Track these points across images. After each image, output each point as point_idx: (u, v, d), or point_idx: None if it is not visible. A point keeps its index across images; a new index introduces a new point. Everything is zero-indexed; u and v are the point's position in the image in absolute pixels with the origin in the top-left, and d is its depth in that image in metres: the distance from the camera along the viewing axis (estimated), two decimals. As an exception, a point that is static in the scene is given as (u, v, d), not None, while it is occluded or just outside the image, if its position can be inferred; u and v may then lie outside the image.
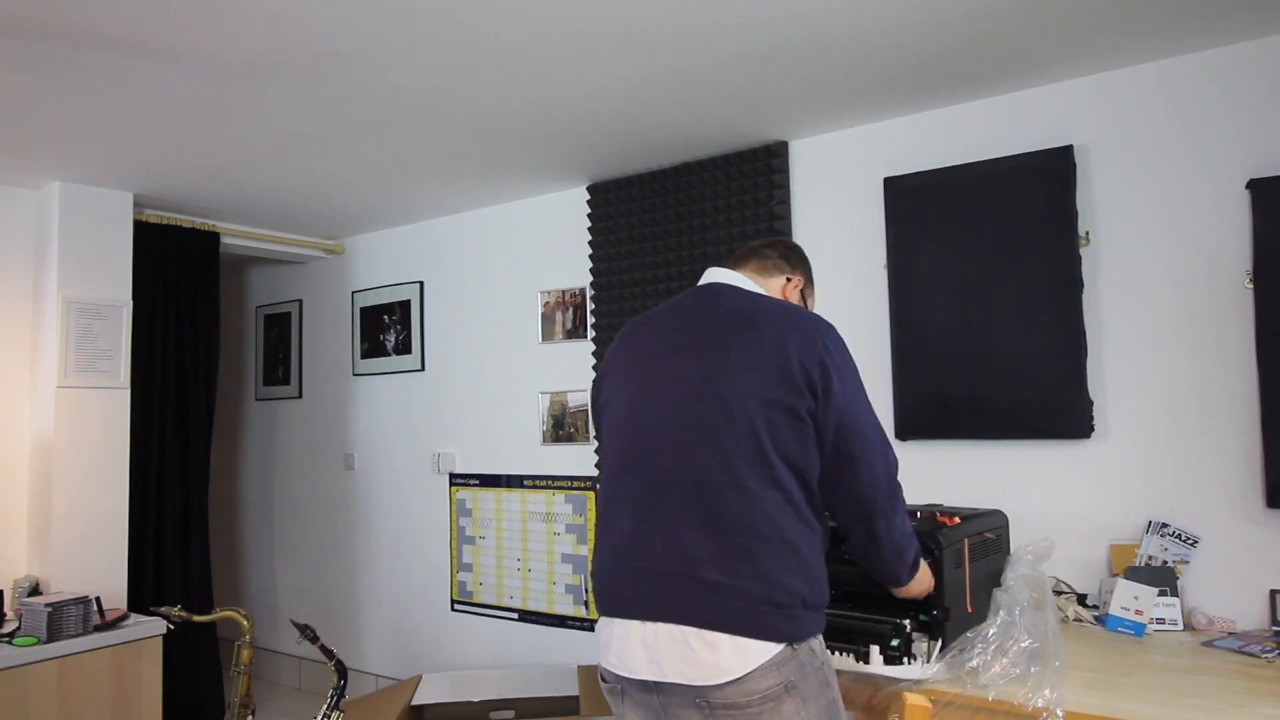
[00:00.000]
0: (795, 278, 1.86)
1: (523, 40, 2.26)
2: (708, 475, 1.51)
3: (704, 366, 1.57)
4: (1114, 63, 2.50)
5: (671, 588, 1.49)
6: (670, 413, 1.58)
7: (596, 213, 3.56)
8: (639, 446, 1.61)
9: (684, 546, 1.49)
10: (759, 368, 1.53)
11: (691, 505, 1.51)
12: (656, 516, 1.54)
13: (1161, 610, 2.27)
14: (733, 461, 1.50)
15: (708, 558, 1.47)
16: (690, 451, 1.53)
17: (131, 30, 2.14)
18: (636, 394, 1.65)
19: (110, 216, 3.54)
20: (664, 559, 1.51)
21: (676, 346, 1.64)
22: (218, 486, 4.86)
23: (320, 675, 4.53)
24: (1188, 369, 2.41)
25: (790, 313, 1.63)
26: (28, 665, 2.86)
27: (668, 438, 1.56)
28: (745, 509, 1.48)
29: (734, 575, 1.46)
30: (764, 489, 1.49)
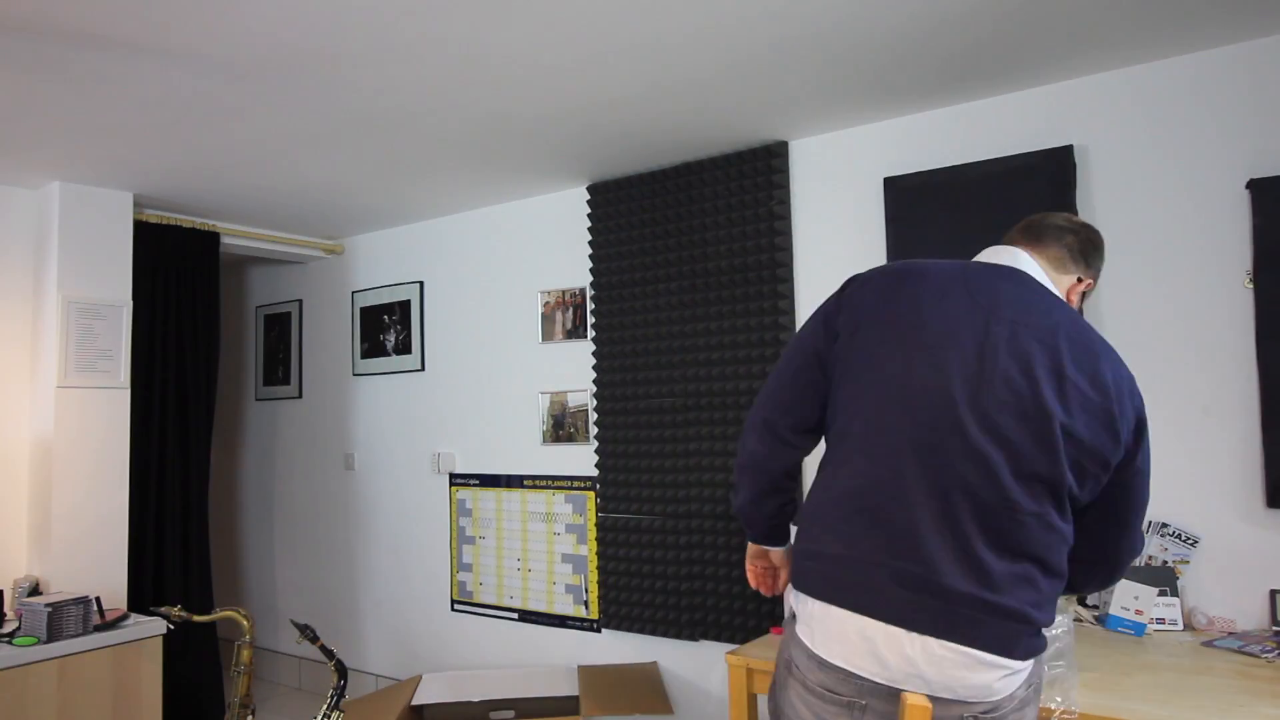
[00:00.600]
0: (1087, 278, 1.68)
1: (523, 40, 2.26)
2: (1008, 495, 1.41)
3: (1018, 377, 1.43)
4: (1114, 63, 2.50)
5: (956, 606, 1.40)
6: (978, 417, 1.43)
7: (596, 213, 3.56)
8: (932, 437, 1.44)
9: (974, 564, 1.41)
10: (1088, 408, 1.43)
11: (985, 522, 1.41)
12: (944, 523, 1.42)
13: (1161, 610, 2.28)
14: (1036, 489, 1.42)
15: (998, 582, 1.40)
16: (993, 465, 1.41)
17: (131, 30, 2.14)
18: (936, 374, 1.46)
19: (110, 216, 3.54)
20: (948, 571, 1.40)
21: (993, 344, 1.46)
22: (218, 486, 4.86)
23: (320, 675, 4.53)
24: (1187, 369, 2.41)
25: (1115, 358, 1.51)
26: (28, 665, 2.86)
27: (969, 442, 1.42)
28: (1040, 537, 1.43)
29: (1020, 601, 1.41)
30: (1059, 522, 1.45)
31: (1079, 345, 1.47)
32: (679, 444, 3.27)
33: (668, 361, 3.31)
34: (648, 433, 3.35)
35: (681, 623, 3.26)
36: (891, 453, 1.47)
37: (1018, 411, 1.42)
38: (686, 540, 3.25)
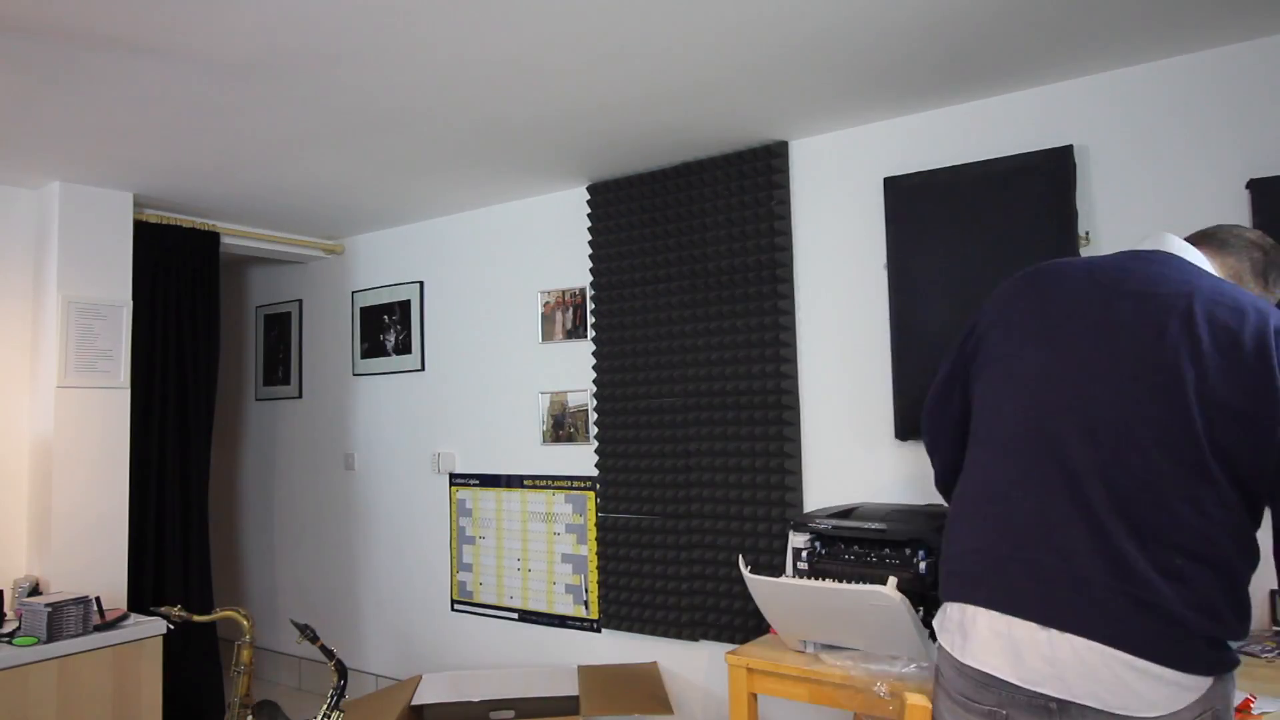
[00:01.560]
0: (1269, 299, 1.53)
1: (523, 40, 2.26)
2: (1144, 477, 1.31)
3: (1147, 349, 1.34)
4: (1114, 63, 2.50)
5: (1095, 599, 1.30)
6: (1104, 394, 1.36)
7: (596, 213, 3.56)
8: (1053, 422, 1.39)
9: (1112, 554, 1.30)
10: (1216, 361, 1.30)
11: (1122, 507, 1.31)
12: (1075, 510, 1.34)
13: (1161, 610, 2.27)
14: (1173, 465, 1.30)
15: (1141, 573, 1.28)
16: (1124, 445, 1.32)
17: (131, 30, 2.14)
18: (1054, 357, 1.42)
19: (110, 216, 3.54)
20: (1085, 563, 1.31)
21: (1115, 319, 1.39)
22: (218, 486, 4.86)
23: (320, 675, 4.53)
24: (1188, 369, 2.41)
25: (1262, 307, 1.35)
26: (28, 665, 2.86)
27: (1096, 422, 1.35)
28: (1185, 522, 1.29)
29: (1170, 599, 1.27)
30: (1207, 503, 1.29)
31: (1220, 307, 1.34)
32: (679, 444, 3.27)
33: (668, 361, 3.31)
34: (648, 433, 3.35)
35: (681, 623, 3.26)
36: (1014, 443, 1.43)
37: (1150, 385, 1.33)
38: (686, 540, 3.25)
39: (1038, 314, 1.48)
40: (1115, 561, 1.31)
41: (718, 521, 3.17)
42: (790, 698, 2.23)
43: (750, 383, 3.11)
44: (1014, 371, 1.47)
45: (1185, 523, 1.30)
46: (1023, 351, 1.47)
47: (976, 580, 1.42)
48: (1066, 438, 1.37)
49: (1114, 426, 1.34)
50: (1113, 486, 1.33)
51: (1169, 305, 1.37)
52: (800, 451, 3.05)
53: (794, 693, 2.19)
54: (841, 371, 2.99)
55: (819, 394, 3.04)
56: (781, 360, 3.06)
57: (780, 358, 3.06)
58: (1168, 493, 1.31)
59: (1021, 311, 1.51)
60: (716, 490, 3.17)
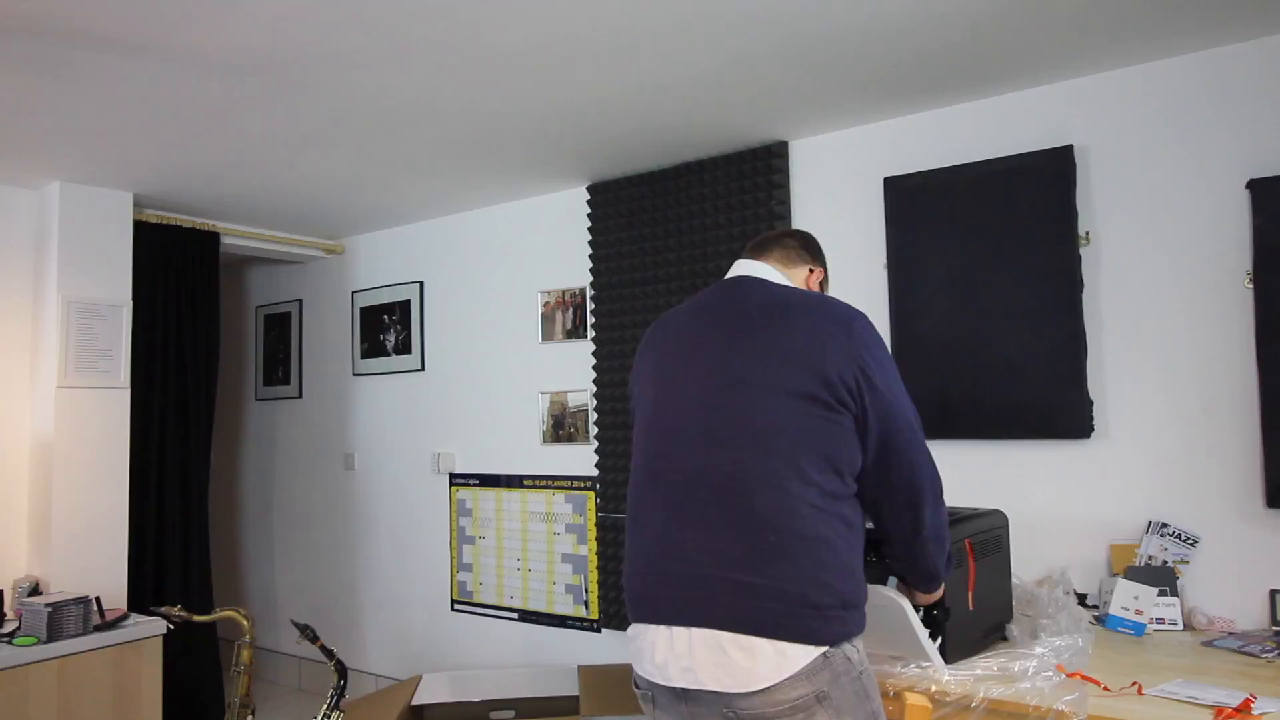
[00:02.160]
0: (817, 269, 1.81)
1: (523, 41, 2.26)
2: (737, 472, 1.45)
3: (731, 361, 1.53)
4: (1114, 63, 2.50)
5: (706, 590, 1.43)
6: (698, 409, 1.53)
7: (596, 213, 3.56)
8: (667, 445, 1.56)
9: (716, 547, 1.44)
10: (790, 359, 1.48)
11: (722, 503, 1.45)
12: (687, 517, 1.49)
13: (1161, 610, 2.28)
14: (762, 457, 1.45)
15: (741, 558, 1.41)
16: (718, 448, 1.48)
17: (131, 30, 2.14)
18: (663, 391, 1.61)
19: (110, 216, 3.54)
20: (697, 561, 1.45)
21: (702, 343, 1.59)
22: (218, 486, 4.85)
23: (320, 675, 4.53)
24: (1187, 369, 2.41)
25: (822, 302, 1.58)
26: (28, 665, 2.86)
27: (695, 435, 1.51)
28: (777, 506, 1.43)
29: (769, 576, 1.40)
30: (796, 484, 1.43)
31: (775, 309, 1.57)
32: (679, 444, 3.26)
33: (668, 361, 3.31)
34: (648, 433, 3.35)
35: (681, 623, 3.25)
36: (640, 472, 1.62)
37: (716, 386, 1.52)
38: (686, 540, 3.24)
39: (652, 362, 1.68)
40: (720, 554, 1.44)
41: (718, 521, 3.16)
42: (790, 698, 2.23)
43: (750, 383, 3.10)
44: (644, 411, 1.65)
45: (782, 506, 1.44)
46: (645, 395, 1.66)
47: (633, 599, 1.57)
48: (683, 456, 1.53)
49: (716, 436, 1.50)
50: (718, 488, 1.47)
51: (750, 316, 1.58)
52: (800, 451, 3.05)
53: (794, 693, 2.18)
54: (841, 371, 2.99)
55: (819, 394, 3.03)
56: (781, 360, 3.06)
57: (780, 358, 3.06)
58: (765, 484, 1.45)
59: (644, 363, 1.71)
60: (716, 490, 3.17)
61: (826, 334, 1.50)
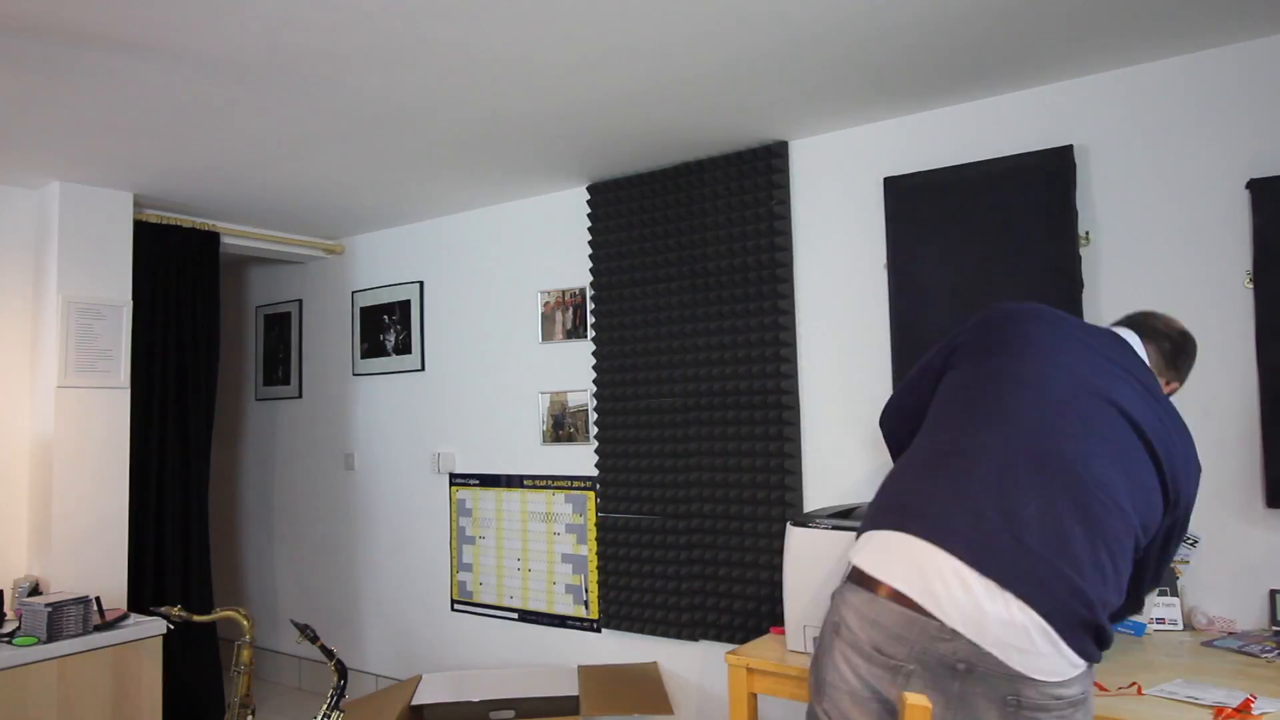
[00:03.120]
0: (1175, 386, 1.88)
1: (523, 41, 2.26)
2: (1106, 483, 1.48)
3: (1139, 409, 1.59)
4: (1114, 63, 2.50)
5: (1035, 567, 1.40)
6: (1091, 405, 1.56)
7: (596, 213, 3.56)
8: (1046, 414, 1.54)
9: (1062, 533, 1.43)
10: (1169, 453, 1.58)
11: (1078, 499, 1.45)
12: (1034, 488, 1.46)
13: (1161, 610, 2.28)
14: (1124, 489, 1.50)
15: (1078, 557, 1.42)
16: (1099, 456, 1.51)
17: (131, 30, 2.14)
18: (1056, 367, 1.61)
19: (110, 216, 3.54)
20: (1033, 532, 1.42)
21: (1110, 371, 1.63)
22: (218, 486, 4.86)
23: (320, 675, 4.53)
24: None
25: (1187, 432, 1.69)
26: (28, 665, 2.86)
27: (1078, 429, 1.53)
28: (1119, 531, 1.47)
29: (1090, 587, 1.41)
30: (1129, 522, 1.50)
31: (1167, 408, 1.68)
32: (679, 444, 3.27)
33: (668, 361, 3.31)
34: (648, 433, 3.35)
35: (681, 623, 3.26)
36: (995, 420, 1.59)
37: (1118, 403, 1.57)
38: (686, 540, 3.25)
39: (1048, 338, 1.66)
40: (1062, 541, 1.42)
41: (718, 521, 3.17)
42: (790, 698, 2.24)
43: (750, 383, 3.11)
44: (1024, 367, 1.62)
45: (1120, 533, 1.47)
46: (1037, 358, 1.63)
47: (912, 512, 1.50)
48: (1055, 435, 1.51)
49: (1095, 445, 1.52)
50: (1082, 484, 1.46)
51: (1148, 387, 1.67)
52: (800, 451, 3.05)
53: (794, 693, 2.19)
54: (841, 371, 2.99)
55: (819, 394, 3.04)
56: (781, 360, 3.06)
57: (780, 358, 3.06)
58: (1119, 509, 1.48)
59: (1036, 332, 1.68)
60: (716, 490, 3.17)
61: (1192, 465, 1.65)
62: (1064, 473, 1.47)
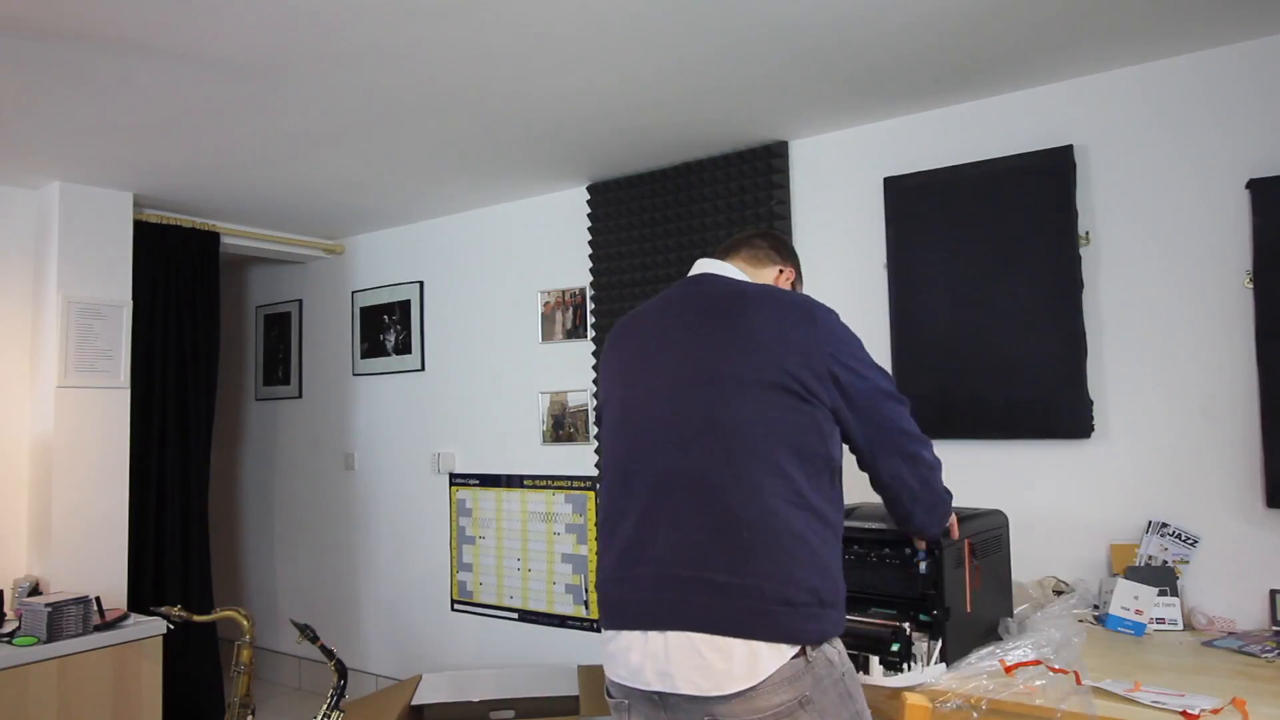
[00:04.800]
0: (787, 270, 1.80)
1: (522, 41, 2.26)
2: (708, 469, 1.43)
3: (697, 355, 1.51)
4: (1114, 63, 2.50)
5: (679, 592, 1.40)
6: (666, 407, 1.51)
7: (596, 213, 3.56)
8: (637, 445, 1.53)
9: (689, 547, 1.41)
10: (756, 351, 1.47)
11: (694, 502, 1.43)
12: (659, 517, 1.46)
13: (1161, 610, 2.27)
14: (734, 453, 1.42)
15: (714, 557, 1.39)
16: (689, 445, 1.46)
17: (131, 30, 2.14)
18: (630, 391, 1.59)
19: (110, 216, 3.54)
20: (670, 562, 1.42)
21: (666, 341, 1.58)
22: (218, 486, 4.86)
23: (320, 675, 4.53)
24: (1187, 369, 2.41)
25: (781, 294, 1.58)
26: (28, 665, 2.86)
27: (665, 433, 1.49)
28: (750, 502, 1.40)
29: (744, 574, 1.37)
30: (769, 480, 1.41)
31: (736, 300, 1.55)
32: (679, 444, 3.27)
33: (668, 361, 3.31)
34: (648, 433, 3.35)
35: (681, 623, 3.25)
36: (609, 476, 1.60)
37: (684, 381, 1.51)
38: (686, 540, 3.24)
39: (618, 362, 1.67)
40: (693, 554, 1.42)
41: (718, 521, 3.16)
42: (790, 698, 2.23)
43: (750, 383, 3.10)
44: (612, 413, 1.63)
45: (754, 502, 1.41)
46: (612, 396, 1.65)
47: (606, 604, 1.54)
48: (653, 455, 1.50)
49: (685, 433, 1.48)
50: (690, 486, 1.45)
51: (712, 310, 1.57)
52: (800, 451, 3.05)
53: (794, 693, 2.18)
54: (841, 371, 2.99)
55: (819, 394, 3.03)
56: (781, 360, 3.06)
57: (780, 358, 3.06)
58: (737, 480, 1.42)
59: (609, 364, 1.69)
60: (716, 490, 3.17)
61: (790, 324, 1.50)
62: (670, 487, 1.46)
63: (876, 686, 1.87)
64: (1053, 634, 1.95)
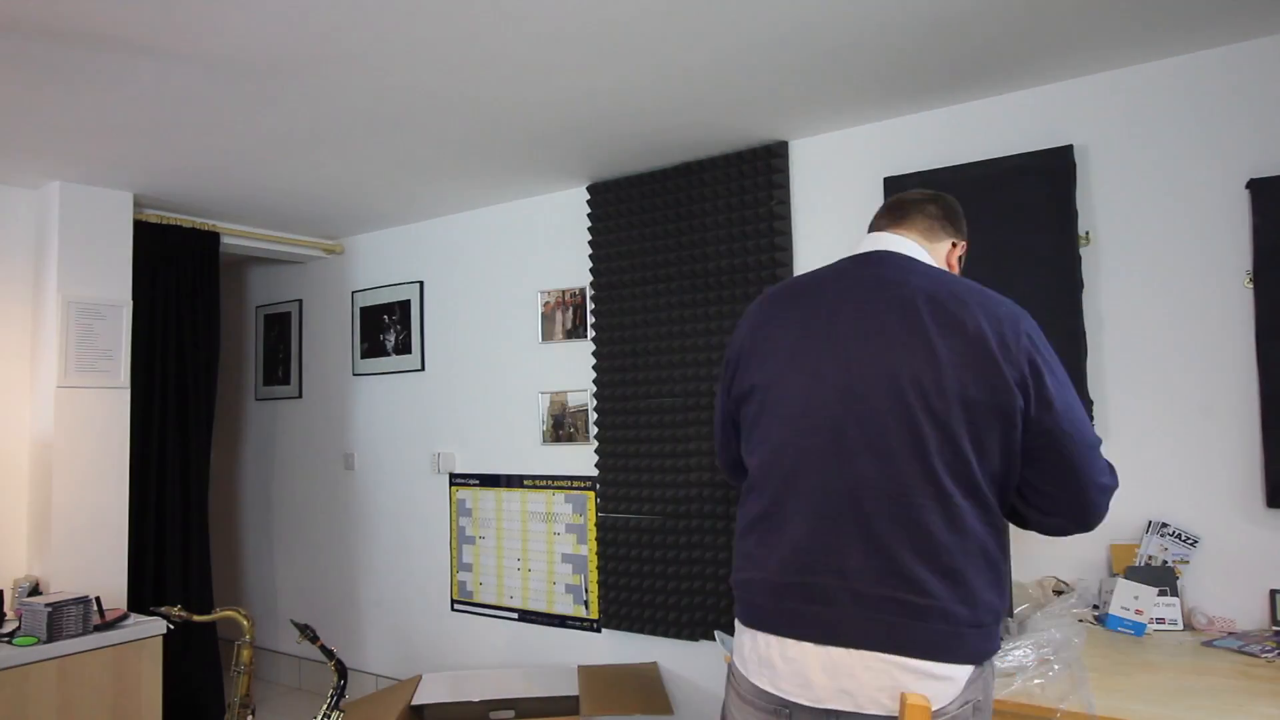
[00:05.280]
0: (960, 243, 1.65)
1: (523, 41, 2.26)
2: (911, 485, 1.36)
3: (900, 358, 1.39)
4: (1114, 62, 2.50)
5: (871, 610, 1.35)
6: (861, 409, 1.40)
7: (596, 213, 3.56)
8: (816, 444, 1.43)
9: (886, 565, 1.36)
10: (964, 363, 1.36)
11: (894, 518, 1.36)
12: (847, 528, 1.39)
13: (1161, 610, 2.28)
14: (937, 470, 1.36)
15: (915, 579, 1.34)
16: (890, 456, 1.37)
17: (131, 30, 2.14)
18: (810, 380, 1.46)
19: (110, 216, 3.54)
20: (860, 577, 1.37)
21: (858, 330, 1.44)
22: (218, 486, 4.86)
23: (320, 675, 4.53)
24: (1188, 369, 2.41)
25: (991, 300, 1.43)
26: (28, 665, 2.86)
27: (858, 438, 1.40)
28: (953, 525, 1.35)
29: (941, 598, 1.34)
30: (968, 501, 1.36)
31: (941, 300, 1.41)
32: (679, 444, 3.27)
33: (668, 361, 3.31)
34: (648, 433, 3.35)
35: (681, 623, 3.26)
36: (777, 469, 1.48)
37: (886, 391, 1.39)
38: (686, 540, 3.25)
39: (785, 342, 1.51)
40: (890, 573, 1.36)
41: (718, 521, 3.17)
42: (790, 698, 2.23)
43: (750, 383, 3.10)
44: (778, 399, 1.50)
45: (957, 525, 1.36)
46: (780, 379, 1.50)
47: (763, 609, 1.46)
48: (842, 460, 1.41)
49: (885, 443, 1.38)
50: (890, 500, 1.37)
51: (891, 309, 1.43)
52: (800, 451, 3.05)
53: (794, 693, 2.18)
54: (841, 371, 2.99)
55: (819, 394, 3.03)
56: (781, 360, 3.06)
57: (780, 358, 3.06)
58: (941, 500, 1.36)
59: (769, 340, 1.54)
60: (716, 490, 3.17)
61: (997, 330, 1.38)
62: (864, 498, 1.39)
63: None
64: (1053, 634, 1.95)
